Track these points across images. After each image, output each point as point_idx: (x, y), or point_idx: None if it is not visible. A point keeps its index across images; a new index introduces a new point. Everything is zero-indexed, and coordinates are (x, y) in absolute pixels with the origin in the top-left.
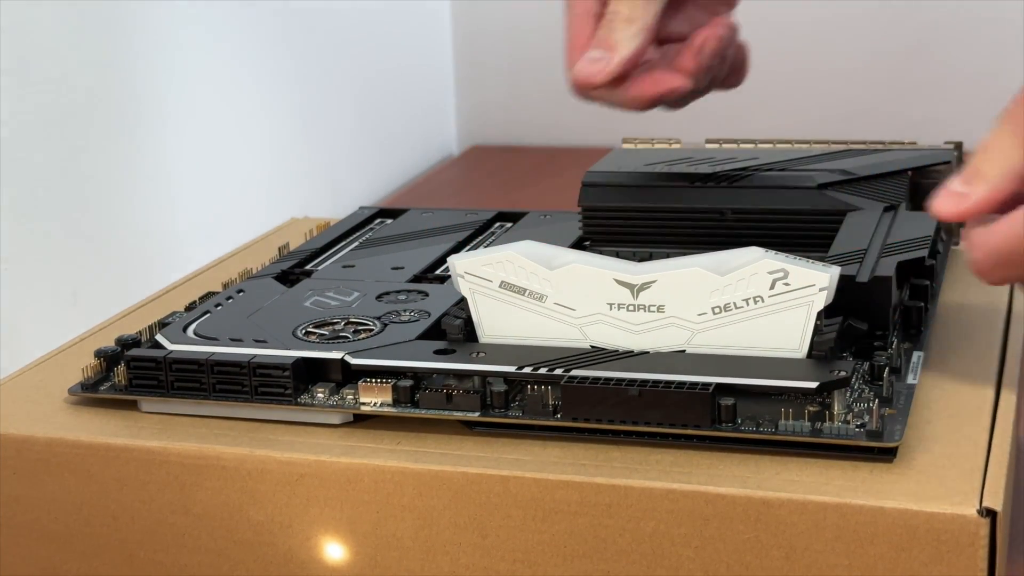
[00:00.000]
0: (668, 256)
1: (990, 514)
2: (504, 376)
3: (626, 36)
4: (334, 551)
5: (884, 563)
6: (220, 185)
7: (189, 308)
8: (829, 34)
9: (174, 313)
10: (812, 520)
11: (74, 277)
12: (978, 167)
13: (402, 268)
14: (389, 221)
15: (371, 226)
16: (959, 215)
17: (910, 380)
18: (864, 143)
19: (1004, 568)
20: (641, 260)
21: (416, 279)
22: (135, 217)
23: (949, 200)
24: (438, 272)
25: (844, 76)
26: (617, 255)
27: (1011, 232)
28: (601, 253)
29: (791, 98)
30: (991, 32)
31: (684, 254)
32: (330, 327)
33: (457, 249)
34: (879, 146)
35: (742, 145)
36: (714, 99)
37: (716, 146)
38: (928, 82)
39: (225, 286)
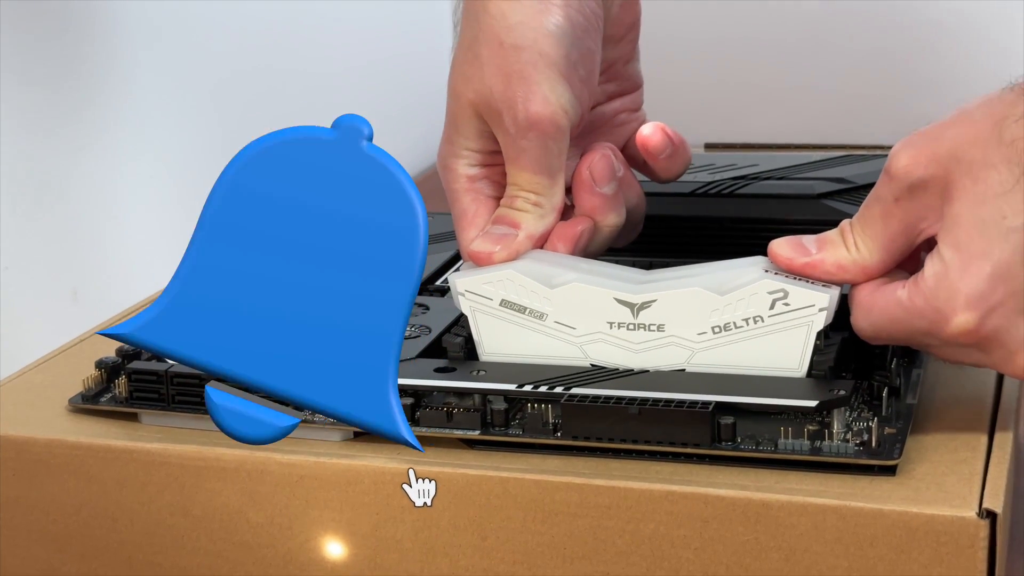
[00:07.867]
0: (668, 265)
1: (990, 516)
2: (504, 394)
3: (534, 216)
4: (334, 552)
5: (884, 565)
6: None
7: None
8: (829, 34)
9: None
10: (812, 522)
11: (74, 277)
12: (836, 241)
13: None
14: None
15: None
16: (788, 266)
17: (909, 400)
18: (864, 148)
19: (1004, 570)
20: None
21: None
22: (136, 217)
23: (791, 248)
24: (438, 283)
25: (844, 76)
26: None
27: (893, 300)
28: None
29: (791, 98)
30: (991, 32)
31: (685, 263)
32: None
33: (457, 257)
34: (879, 151)
35: (742, 151)
36: (714, 100)
37: (716, 152)
38: (928, 82)
39: None
